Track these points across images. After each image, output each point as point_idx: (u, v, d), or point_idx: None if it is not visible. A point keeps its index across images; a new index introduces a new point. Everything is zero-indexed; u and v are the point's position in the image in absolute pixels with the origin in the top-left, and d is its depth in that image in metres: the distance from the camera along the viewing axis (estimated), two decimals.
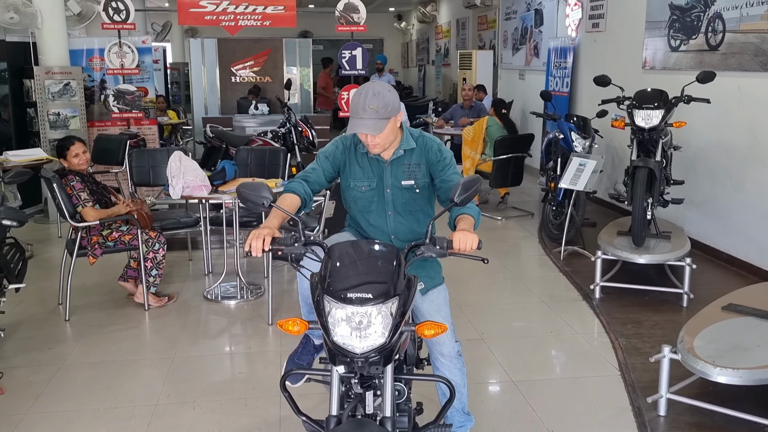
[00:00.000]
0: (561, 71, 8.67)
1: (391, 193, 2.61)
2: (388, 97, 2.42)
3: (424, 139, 2.64)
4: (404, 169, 2.60)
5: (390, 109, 2.41)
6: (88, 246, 4.63)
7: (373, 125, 2.39)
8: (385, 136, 2.47)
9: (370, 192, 2.61)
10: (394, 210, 2.62)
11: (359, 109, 2.40)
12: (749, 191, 5.37)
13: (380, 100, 2.39)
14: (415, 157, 2.61)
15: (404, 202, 2.62)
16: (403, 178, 2.59)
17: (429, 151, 2.61)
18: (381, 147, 2.51)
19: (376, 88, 2.43)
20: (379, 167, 2.61)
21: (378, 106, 2.38)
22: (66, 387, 3.68)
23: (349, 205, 2.71)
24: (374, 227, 2.65)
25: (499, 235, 6.82)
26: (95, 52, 8.20)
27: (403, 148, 2.59)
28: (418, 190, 2.62)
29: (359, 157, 2.63)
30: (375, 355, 2.00)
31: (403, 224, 2.64)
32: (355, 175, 2.63)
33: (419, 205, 2.65)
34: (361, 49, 7.58)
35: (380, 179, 2.61)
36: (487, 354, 4.03)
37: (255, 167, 5.65)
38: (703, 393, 3.39)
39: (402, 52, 21.24)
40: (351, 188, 2.64)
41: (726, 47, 5.54)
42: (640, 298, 4.85)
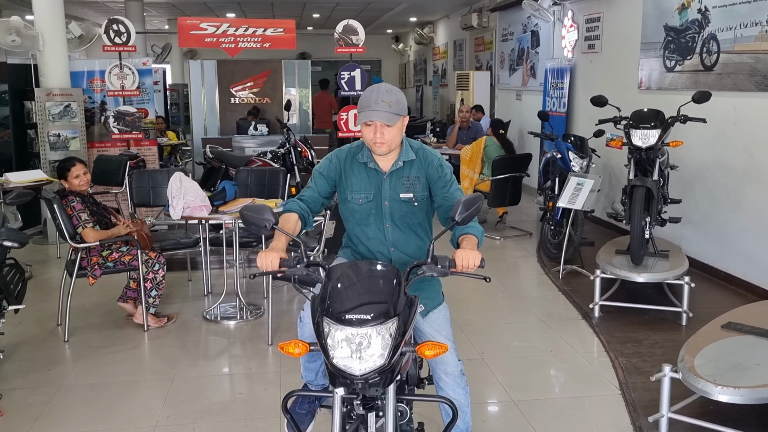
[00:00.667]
0: (558, 92, 8.74)
1: (389, 206, 2.59)
2: (400, 96, 2.47)
3: (424, 152, 2.63)
4: (403, 182, 2.59)
5: (401, 107, 2.45)
6: (88, 267, 4.64)
7: (387, 116, 2.41)
8: (393, 135, 2.47)
9: (368, 204, 2.60)
10: (392, 223, 2.61)
11: (372, 102, 2.42)
12: (746, 210, 5.40)
13: (393, 96, 2.43)
14: (414, 169, 2.60)
15: (402, 215, 2.60)
16: (402, 191, 2.58)
17: (429, 166, 2.60)
18: (387, 146, 2.50)
19: (388, 86, 2.47)
20: (378, 179, 2.60)
21: (391, 101, 2.42)
22: (65, 409, 3.67)
23: (347, 218, 2.69)
24: (373, 239, 2.63)
25: (497, 255, 6.83)
26: (96, 74, 8.27)
27: (402, 160, 2.58)
28: (416, 204, 2.60)
29: (357, 167, 2.62)
30: (375, 377, 2.00)
31: (401, 236, 2.63)
32: (352, 187, 2.61)
33: (417, 219, 2.64)
34: (360, 70, 7.65)
35: (378, 191, 2.59)
36: (487, 373, 4.02)
37: (255, 187, 5.68)
38: (705, 412, 3.38)
39: (400, 72, 21.40)
40: (348, 200, 2.63)
41: (721, 67, 5.60)
42: (640, 316, 4.85)
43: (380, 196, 2.60)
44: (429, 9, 14.64)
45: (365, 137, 2.53)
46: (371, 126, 2.47)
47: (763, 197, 5.22)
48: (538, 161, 8.22)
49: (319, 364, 2.66)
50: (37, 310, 5.18)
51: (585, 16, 8.18)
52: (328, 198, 2.71)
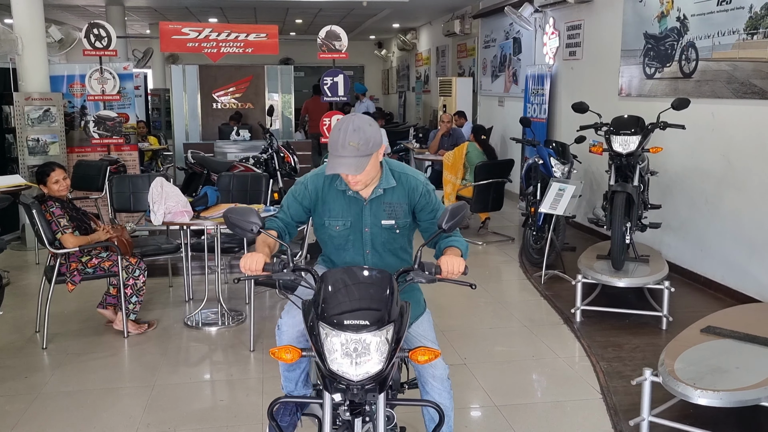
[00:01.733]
0: (539, 98, 8.81)
1: (370, 232, 2.52)
2: (369, 132, 2.29)
3: (407, 177, 2.53)
4: (385, 209, 2.50)
5: (371, 145, 2.29)
6: (67, 273, 4.58)
7: (355, 164, 2.27)
8: (366, 174, 2.35)
9: (346, 231, 2.53)
10: (372, 249, 2.55)
11: (338, 146, 2.27)
12: (725, 215, 5.47)
13: (360, 136, 2.26)
14: (396, 196, 2.51)
15: (383, 241, 2.55)
16: (384, 218, 2.50)
17: (413, 192, 2.52)
18: (363, 184, 2.42)
19: (356, 122, 2.30)
20: (358, 206, 2.51)
21: (359, 143, 2.25)
22: (43, 416, 3.62)
23: (324, 242, 2.62)
24: (351, 264, 2.56)
25: (480, 260, 6.85)
26: (76, 78, 8.19)
27: (382, 187, 2.49)
28: (398, 231, 2.54)
29: (335, 194, 2.53)
30: (371, 383, 2.00)
31: (380, 262, 2.56)
32: (330, 213, 2.53)
33: (399, 244, 2.60)
34: (343, 75, 7.65)
35: (357, 219, 2.51)
36: (469, 379, 4.03)
37: (237, 193, 5.65)
38: (685, 415, 3.41)
39: (383, 78, 21.44)
40: (325, 226, 2.55)
41: (699, 75, 5.68)
42: (620, 321, 4.89)
43: (360, 222, 2.52)
44: (412, 15, 14.69)
45: (341, 175, 2.44)
46: None
47: (740, 203, 5.29)
48: (520, 167, 8.27)
49: (298, 373, 2.65)
50: (15, 316, 5.11)
51: (566, 24, 8.25)
52: (303, 222, 2.67)
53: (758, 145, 5.08)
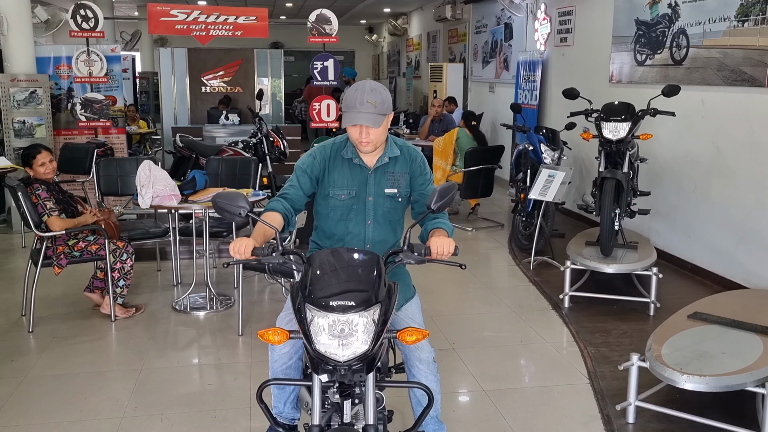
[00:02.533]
0: (530, 84, 8.79)
1: (373, 201, 2.58)
2: (385, 95, 2.44)
3: (408, 149, 2.64)
4: (388, 177, 2.58)
5: (386, 106, 2.43)
6: (54, 256, 4.54)
7: (373, 118, 2.39)
8: (379, 134, 2.46)
9: (350, 200, 2.57)
10: (374, 219, 2.59)
11: (356, 103, 2.39)
12: (713, 202, 5.49)
13: (377, 96, 2.40)
14: (399, 165, 2.60)
15: (385, 211, 2.59)
16: (387, 186, 2.57)
17: (413, 162, 2.62)
18: (373, 145, 2.49)
19: (372, 84, 2.45)
20: (362, 174, 2.58)
21: (376, 101, 2.39)
22: (29, 400, 3.59)
23: (325, 215, 2.63)
24: (352, 234, 2.60)
25: (469, 246, 6.86)
26: (62, 60, 8.09)
27: (387, 156, 2.58)
28: (400, 199, 2.61)
29: (341, 163, 2.59)
30: (358, 363, 2.00)
31: (380, 234, 2.61)
32: (335, 184, 2.57)
33: (398, 215, 2.65)
34: (333, 60, 7.60)
35: (362, 187, 2.57)
36: (458, 363, 4.04)
37: (226, 177, 5.61)
38: (671, 400, 3.44)
39: (373, 64, 21.34)
40: (330, 197, 2.58)
41: (690, 62, 5.68)
42: (608, 307, 4.91)
43: (364, 191, 2.57)
44: (403, 0, 14.60)
45: (351, 136, 2.51)
46: (356, 126, 2.45)
47: (728, 190, 5.32)
48: (511, 153, 8.26)
49: (288, 393, 2.65)
50: (1, 300, 5.07)
51: (558, 9, 8.22)
52: (311, 195, 2.67)
53: (747, 133, 5.09)
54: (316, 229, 2.73)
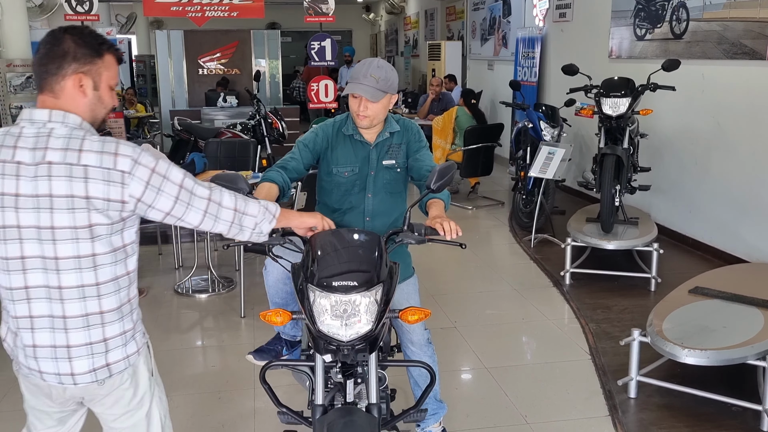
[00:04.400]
0: (529, 61, 8.73)
1: (374, 175, 2.61)
2: (390, 74, 2.49)
3: (404, 122, 2.69)
4: (387, 150, 2.62)
5: (389, 85, 2.47)
6: None
7: (372, 92, 2.44)
8: (377, 109, 2.49)
9: (353, 176, 2.60)
10: (373, 191, 2.61)
11: (360, 75, 2.45)
12: (714, 177, 5.48)
13: (383, 73, 2.46)
14: (396, 138, 2.63)
15: (385, 182, 2.62)
16: (385, 158, 2.61)
17: (409, 132, 2.66)
18: (369, 120, 2.51)
19: (381, 62, 2.51)
20: (364, 150, 2.60)
21: (379, 77, 2.44)
22: None
23: (329, 191, 2.65)
24: (352, 209, 2.62)
25: (470, 225, 6.86)
26: None
27: (388, 131, 2.61)
28: (399, 170, 2.63)
29: (343, 140, 2.61)
30: (361, 343, 2.01)
31: (380, 205, 2.63)
32: (337, 161, 2.60)
33: (398, 187, 2.66)
34: (330, 40, 7.54)
35: (365, 163, 2.60)
36: (460, 342, 4.06)
37: (225, 159, 5.60)
38: (672, 374, 3.46)
39: (371, 43, 21.19)
40: (333, 174, 2.61)
41: (690, 35, 5.63)
42: (609, 283, 4.92)
43: (367, 167, 2.60)
44: None
45: (351, 107, 2.55)
46: (357, 98, 2.48)
47: (729, 165, 5.30)
48: (510, 131, 8.23)
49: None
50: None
51: None
52: (309, 170, 2.69)
53: (748, 106, 5.07)
54: (319, 203, 2.75)
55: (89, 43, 1.78)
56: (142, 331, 1.97)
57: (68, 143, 1.69)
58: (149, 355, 2.02)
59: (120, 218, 1.74)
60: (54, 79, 1.74)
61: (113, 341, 1.84)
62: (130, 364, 1.91)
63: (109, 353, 1.84)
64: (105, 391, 1.90)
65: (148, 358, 2.00)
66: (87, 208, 1.68)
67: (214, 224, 1.86)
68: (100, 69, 1.79)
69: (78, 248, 1.71)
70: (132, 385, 1.93)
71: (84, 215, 1.69)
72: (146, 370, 1.98)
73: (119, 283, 1.80)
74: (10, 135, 1.72)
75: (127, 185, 1.70)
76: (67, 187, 1.67)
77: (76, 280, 1.74)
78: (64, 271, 1.73)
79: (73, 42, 1.76)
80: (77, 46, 1.76)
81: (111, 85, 1.83)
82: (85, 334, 1.79)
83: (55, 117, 1.72)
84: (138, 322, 1.93)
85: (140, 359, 1.95)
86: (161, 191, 1.74)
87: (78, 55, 1.75)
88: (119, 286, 1.81)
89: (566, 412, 3.28)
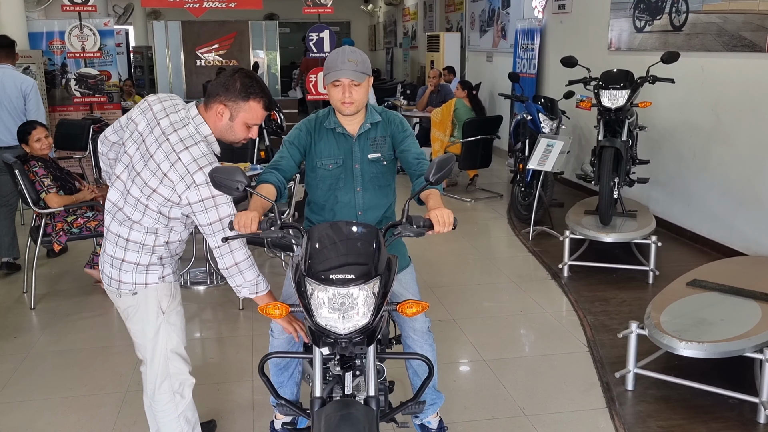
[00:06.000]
0: (528, 53, 8.71)
1: (360, 168, 2.60)
2: (364, 56, 2.53)
3: (386, 113, 2.69)
4: (371, 143, 2.61)
5: (366, 67, 2.50)
6: (53, 233, 4.54)
7: (355, 74, 2.45)
8: (361, 93, 2.50)
9: (338, 169, 2.59)
10: (362, 186, 2.61)
11: (338, 62, 2.46)
12: (712, 170, 5.48)
13: (358, 56, 2.49)
14: (380, 130, 2.63)
15: (372, 176, 2.62)
16: (370, 152, 2.61)
17: (392, 124, 2.66)
18: (356, 106, 2.51)
19: (352, 48, 2.54)
20: (347, 143, 2.60)
21: (357, 60, 2.47)
22: (33, 376, 3.62)
23: (315, 186, 2.66)
24: (342, 203, 2.62)
25: (468, 217, 6.86)
26: (55, 35, 8.01)
27: (369, 122, 2.61)
28: (385, 163, 2.63)
29: (325, 134, 2.62)
30: (358, 336, 2.01)
31: (371, 199, 2.63)
32: (321, 154, 2.60)
33: (386, 180, 2.66)
34: (329, 31, 7.52)
35: (348, 155, 2.59)
36: (458, 334, 4.07)
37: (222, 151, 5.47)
38: (670, 367, 3.47)
39: (369, 35, 21.13)
40: (318, 168, 2.61)
41: (689, 28, 5.62)
42: (608, 276, 4.93)
43: (351, 159, 2.60)
44: None
45: (333, 98, 2.53)
46: (339, 86, 2.47)
47: (728, 158, 5.30)
48: (509, 123, 8.22)
49: (287, 375, 2.71)
50: (2, 277, 5.08)
51: None
52: (300, 166, 2.70)
53: (747, 99, 5.06)
54: (309, 204, 2.74)
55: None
56: (161, 274, 2.42)
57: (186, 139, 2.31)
58: (167, 295, 2.45)
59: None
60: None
61: (126, 265, 2.38)
62: (137, 291, 2.40)
63: (122, 272, 2.38)
64: (123, 306, 2.45)
65: (161, 297, 2.43)
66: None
67: (220, 258, 2.39)
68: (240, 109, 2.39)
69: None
70: (140, 310, 2.42)
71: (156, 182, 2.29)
72: (156, 304, 2.42)
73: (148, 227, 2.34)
74: (164, 110, 2.36)
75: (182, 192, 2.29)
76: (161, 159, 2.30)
77: (126, 210, 2.35)
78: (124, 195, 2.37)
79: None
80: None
81: (248, 124, 2.41)
82: (111, 248, 2.39)
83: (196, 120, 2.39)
84: (157, 266, 2.40)
85: (149, 292, 2.40)
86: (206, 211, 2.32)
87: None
88: (147, 228, 2.35)
89: (564, 404, 3.29)
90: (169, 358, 2.51)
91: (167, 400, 2.54)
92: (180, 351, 2.56)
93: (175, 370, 2.54)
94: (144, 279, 2.40)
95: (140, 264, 2.38)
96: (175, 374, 2.54)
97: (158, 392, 2.53)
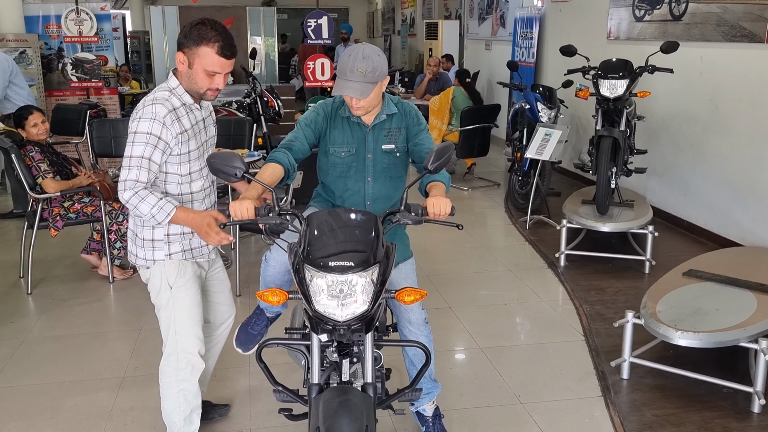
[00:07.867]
0: (527, 41, 8.68)
1: (372, 158, 2.60)
2: (377, 62, 2.41)
3: (403, 105, 2.66)
4: (385, 134, 2.60)
5: (378, 74, 2.41)
6: (50, 218, 4.53)
7: (360, 89, 2.39)
8: (369, 100, 2.46)
9: (350, 158, 2.59)
10: (373, 176, 2.61)
11: (347, 70, 2.39)
12: (710, 160, 5.49)
13: (369, 64, 2.38)
14: (395, 121, 2.61)
15: (384, 167, 2.61)
16: (384, 143, 2.59)
17: (408, 116, 2.64)
18: (364, 110, 2.50)
19: (366, 51, 2.42)
20: (361, 132, 2.59)
21: (366, 70, 2.37)
22: (30, 361, 3.63)
23: (326, 171, 2.66)
24: (351, 191, 2.62)
25: (465, 206, 6.86)
26: (52, 19, 7.95)
27: (385, 113, 2.59)
28: (398, 154, 2.63)
29: (340, 121, 2.60)
30: (356, 323, 2.01)
31: (380, 190, 2.63)
32: (334, 141, 2.59)
33: (398, 171, 2.66)
34: (327, 17, 7.47)
35: (361, 144, 2.59)
36: (454, 322, 4.08)
37: (220, 138, 5.49)
38: (665, 356, 3.49)
39: (367, 21, 21.02)
40: (330, 154, 2.60)
41: (689, 17, 5.60)
42: (604, 265, 4.94)
43: (364, 149, 2.59)
44: None
45: (345, 98, 2.52)
46: None
47: (725, 148, 5.30)
48: (507, 112, 8.21)
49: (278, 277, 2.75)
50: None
51: None
52: (312, 149, 2.67)
53: (745, 90, 5.06)
54: (320, 184, 2.76)
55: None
56: (167, 251, 2.51)
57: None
58: (174, 272, 2.54)
59: None
60: None
61: (139, 241, 2.54)
62: (149, 267, 2.54)
63: (137, 248, 2.55)
64: (143, 279, 2.61)
65: (168, 273, 2.53)
66: None
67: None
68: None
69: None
70: (152, 284, 2.57)
71: None
72: (164, 279, 2.53)
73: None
74: None
75: None
76: None
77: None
78: None
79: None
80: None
81: (207, 71, 2.43)
82: (132, 222, 2.57)
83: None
84: (163, 242, 2.50)
85: (158, 269, 2.53)
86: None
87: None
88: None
89: (559, 393, 3.30)
90: (178, 333, 2.57)
91: (171, 374, 2.61)
92: (189, 329, 2.59)
93: (183, 347, 2.59)
94: (152, 255, 2.52)
95: (147, 239, 2.51)
96: (182, 351, 2.59)
97: (164, 364, 2.62)
